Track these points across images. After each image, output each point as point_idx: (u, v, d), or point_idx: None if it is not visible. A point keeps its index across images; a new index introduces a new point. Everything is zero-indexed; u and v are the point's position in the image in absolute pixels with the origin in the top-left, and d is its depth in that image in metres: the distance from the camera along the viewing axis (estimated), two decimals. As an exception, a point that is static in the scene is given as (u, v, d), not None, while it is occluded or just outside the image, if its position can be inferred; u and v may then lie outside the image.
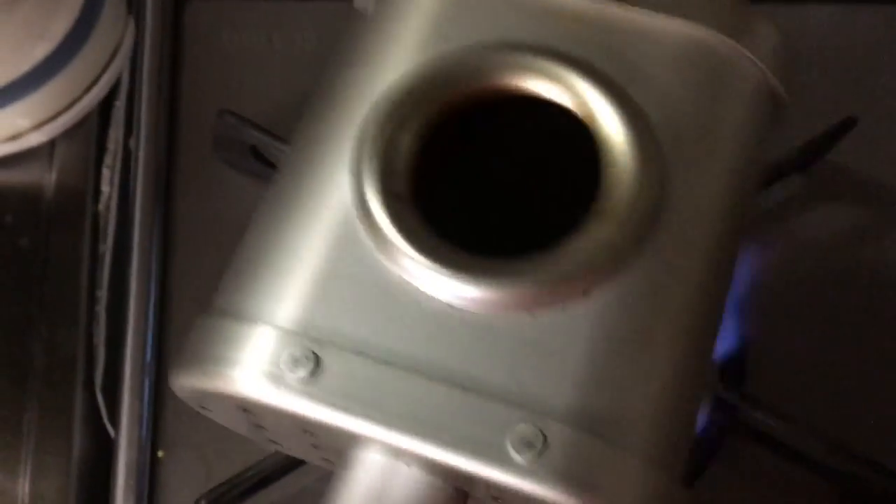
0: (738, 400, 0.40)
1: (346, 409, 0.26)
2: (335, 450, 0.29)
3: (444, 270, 0.27)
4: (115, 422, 0.42)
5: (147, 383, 0.42)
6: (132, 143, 0.47)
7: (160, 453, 0.41)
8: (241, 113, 0.44)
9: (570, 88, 0.29)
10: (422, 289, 0.27)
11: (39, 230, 0.47)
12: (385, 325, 0.27)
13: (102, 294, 0.45)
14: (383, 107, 0.29)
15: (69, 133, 0.48)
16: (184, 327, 0.43)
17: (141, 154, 0.46)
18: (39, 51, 0.45)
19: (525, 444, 0.25)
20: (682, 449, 0.29)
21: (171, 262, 0.45)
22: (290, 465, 0.39)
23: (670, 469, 0.27)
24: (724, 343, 0.42)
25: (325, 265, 0.27)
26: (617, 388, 0.27)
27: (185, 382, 0.28)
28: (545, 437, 0.25)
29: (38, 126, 0.47)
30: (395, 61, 0.30)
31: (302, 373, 0.26)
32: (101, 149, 0.48)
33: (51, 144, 0.48)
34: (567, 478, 0.25)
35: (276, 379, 0.26)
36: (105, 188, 0.47)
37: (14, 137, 0.47)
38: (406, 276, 0.27)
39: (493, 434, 0.25)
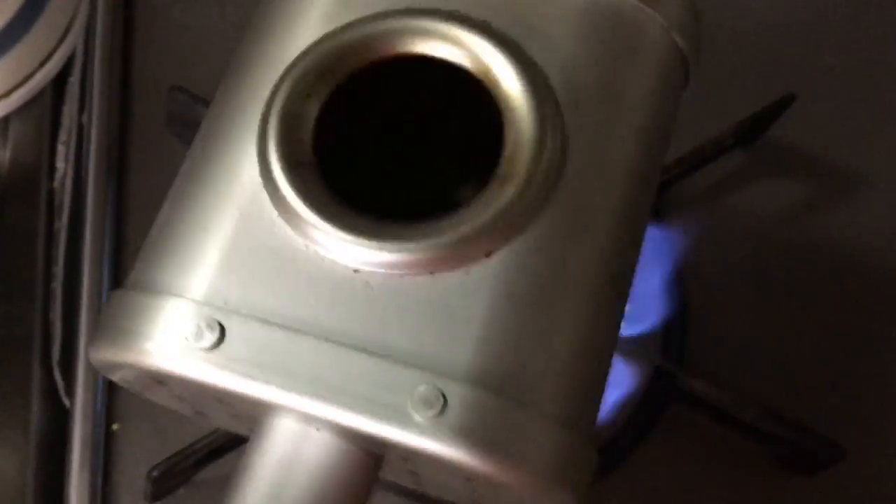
0: (678, 369, 0.41)
1: (251, 375, 0.26)
2: (251, 418, 0.29)
3: (345, 235, 0.27)
4: (71, 396, 0.42)
5: None
6: (85, 118, 0.47)
7: (115, 426, 0.41)
8: (194, 88, 0.44)
9: (467, 49, 0.29)
10: (325, 255, 0.27)
11: None
12: (290, 292, 0.27)
13: (58, 270, 0.45)
14: (288, 78, 0.29)
15: (23, 109, 0.47)
16: None
17: (94, 130, 0.46)
18: None
19: (425, 405, 0.25)
20: (590, 408, 0.29)
21: (124, 237, 0.45)
22: (242, 437, 0.40)
23: (577, 427, 0.27)
24: (665, 315, 0.43)
25: (231, 236, 0.28)
26: (517, 348, 0.27)
27: (100, 356, 0.28)
28: (445, 397, 0.25)
29: None
30: (300, 33, 0.30)
31: (206, 342, 0.26)
32: (55, 125, 0.48)
33: (4, 121, 0.47)
34: (467, 436, 0.25)
35: (183, 350, 0.26)
36: (60, 165, 0.47)
37: None
38: (310, 244, 0.27)
39: (394, 396, 0.25)
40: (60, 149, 0.48)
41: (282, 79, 0.29)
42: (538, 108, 0.28)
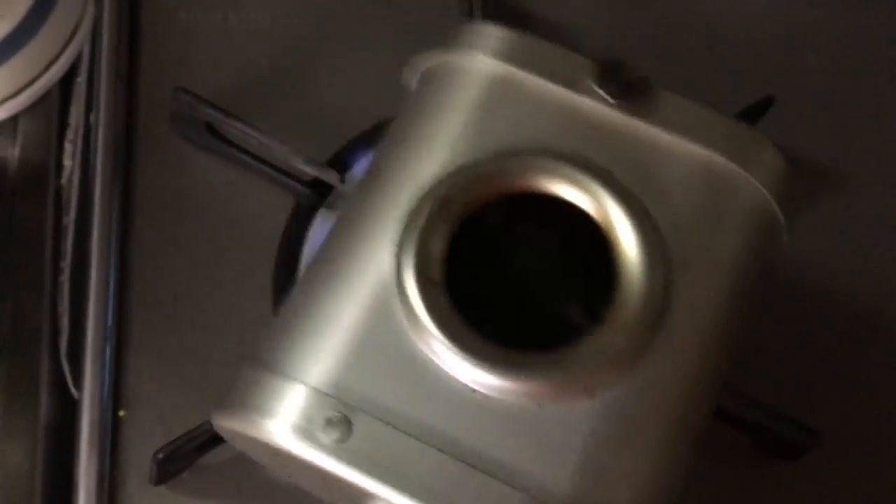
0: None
1: (370, 472, 0.29)
2: (350, 499, 0.31)
3: (466, 356, 0.29)
4: (79, 386, 0.43)
5: (108, 348, 0.43)
6: (92, 118, 0.48)
7: (122, 413, 0.43)
8: (197, 89, 0.45)
9: (591, 195, 0.32)
10: (445, 369, 0.30)
11: (4, 204, 0.47)
12: (410, 398, 0.29)
13: (66, 265, 0.46)
14: (426, 202, 0.31)
15: (31, 110, 0.48)
16: (143, 294, 0.45)
17: (101, 129, 0.47)
18: (0, 29, 0.45)
19: None
20: None
21: (130, 233, 0.46)
22: None
23: None
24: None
25: (360, 335, 0.30)
26: (607, 484, 0.29)
27: (226, 424, 0.31)
28: None
29: (0, 102, 0.47)
30: (436, 159, 0.32)
31: (335, 434, 0.29)
32: (62, 125, 0.49)
33: (13, 121, 0.48)
34: None
35: (310, 436, 0.29)
36: (67, 162, 0.48)
37: None
38: (432, 356, 0.30)
39: None
40: (67, 147, 0.49)
41: (421, 201, 0.31)
42: (650, 259, 0.30)
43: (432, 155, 0.33)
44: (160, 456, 0.39)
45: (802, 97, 0.48)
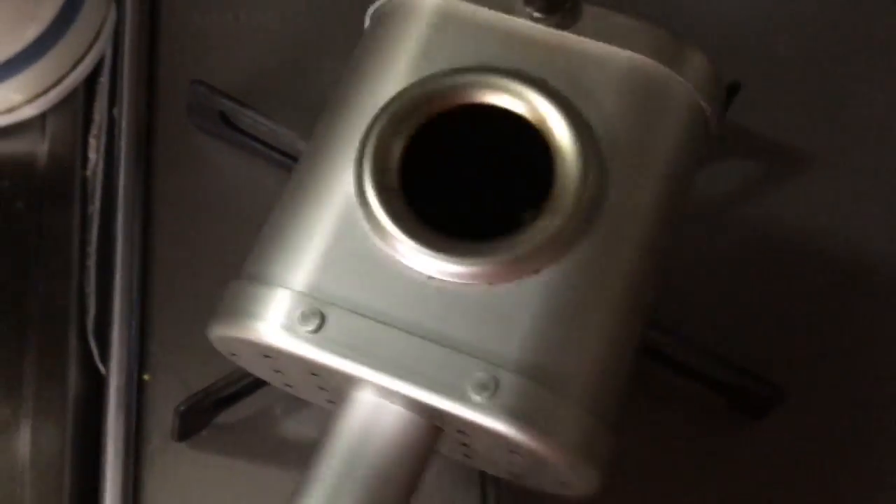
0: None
1: (345, 355, 0.32)
2: (336, 391, 0.35)
3: (423, 250, 0.33)
4: (105, 359, 0.46)
5: (134, 320, 0.46)
6: (115, 112, 0.50)
7: (146, 376, 0.46)
8: (211, 83, 0.47)
9: (527, 102, 0.35)
10: (406, 263, 0.33)
11: (33, 194, 0.50)
12: (376, 290, 0.33)
13: (92, 250, 0.49)
14: (380, 119, 0.35)
15: (59, 106, 0.50)
16: (164, 270, 0.48)
17: (123, 123, 0.49)
18: (31, 32, 0.48)
19: (481, 388, 0.31)
20: (616, 402, 0.34)
21: (152, 218, 0.49)
22: (257, 383, 0.43)
23: (601, 416, 0.33)
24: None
25: (331, 243, 0.34)
26: (559, 348, 0.32)
27: (219, 332, 0.35)
28: (497, 382, 0.31)
29: (30, 100, 0.50)
30: (391, 80, 0.36)
31: (311, 326, 0.32)
32: (87, 120, 0.51)
33: (42, 117, 0.51)
34: (514, 415, 0.31)
35: (291, 330, 0.32)
36: (92, 155, 0.51)
37: (9, 111, 0.50)
38: (394, 253, 0.33)
39: (457, 379, 0.31)
40: (92, 142, 0.51)
41: (375, 119, 0.35)
42: (583, 153, 0.34)
43: (384, 78, 0.36)
44: (182, 409, 0.42)
45: (773, 83, 0.50)
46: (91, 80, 0.51)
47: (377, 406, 0.33)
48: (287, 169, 0.48)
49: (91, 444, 0.45)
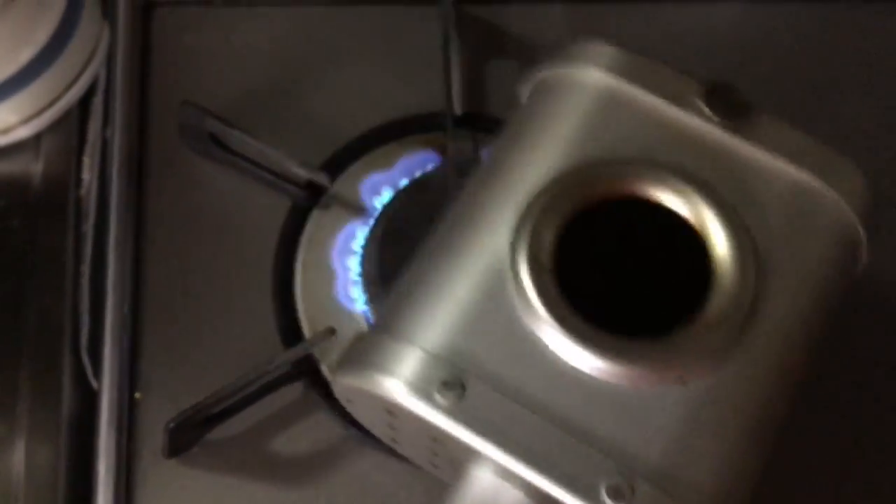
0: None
1: (481, 432, 0.31)
2: (451, 461, 0.33)
3: (570, 339, 0.32)
4: (98, 376, 0.46)
5: (125, 338, 0.47)
6: (107, 132, 0.51)
7: (137, 395, 0.46)
8: (202, 104, 0.48)
9: (690, 202, 0.34)
10: (551, 348, 0.32)
11: (28, 213, 0.50)
12: (518, 370, 0.32)
13: (86, 268, 0.49)
14: (539, 197, 0.34)
15: (53, 127, 0.51)
16: (155, 289, 0.48)
17: (115, 143, 0.50)
18: (25, 54, 0.48)
19: (616, 493, 0.30)
20: None
21: (143, 236, 0.49)
22: (248, 400, 0.44)
23: None
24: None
25: (475, 310, 0.33)
26: (692, 461, 0.31)
27: (347, 381, 0.33)
28: (633, 490, 0.30)
29: (25, 121, 0.50)
30: (550, 160, 0.35)
31: (451, 395, 0.31)
32: (81, 140, 0.51)
33: (37, 138, 0.51)
34: None
35: (427, 395, 0.31)
36: (86, 175, 0.51)
37: (4, 132, 0.50)
38: (539, 334, 0.32)
39: (590, 477, 0.30)
40: (86, 161, 0.51)
41: (536, 196, 0.34)
42: (742, 264, 0.33)
43: (547, 156, 0.35)
44: (171, 425, 0.42)
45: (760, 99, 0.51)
46: (85, 101, 0.52)
47: (498, 487, 0.32)
48: (276, 188, 0.49)
49: (85, 461, 0.45)
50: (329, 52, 0.52)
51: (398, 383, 0.32)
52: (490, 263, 0.33)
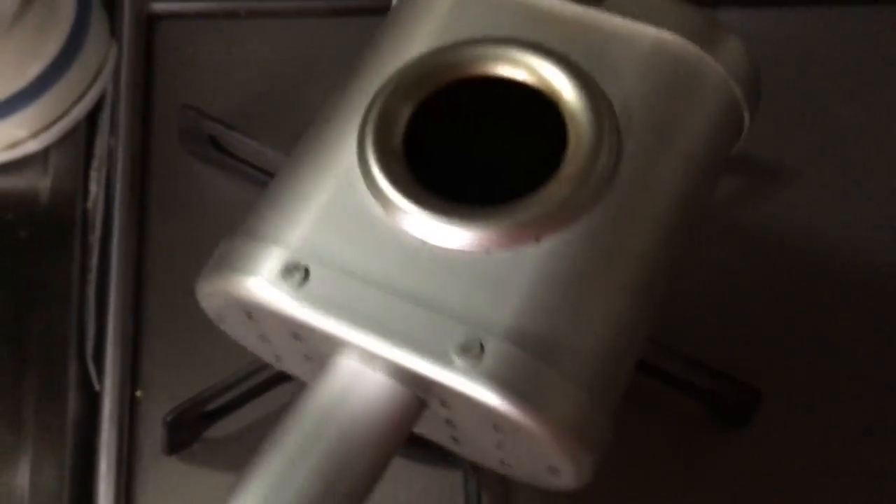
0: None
1: (325, 312, 0.30)
2: (320, 360, 0.32)
3: (418, 211, 0.31)
4: (101, 377, 0.47)
5: (128, 339, 0.47)
6: (111, 141, 0.52)
7: (138, 393, 0.47)
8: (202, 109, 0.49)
9: (541, 74, 0.33)
10: (400, 226, 0.31)
11: (36, 224, 0.51)
12: (366, 252, 0.31)
13: (92, 277, 0.50)
14: (389, 85, 0.33)
15: (62, 141, 0.52)
16: (157, 291, 0.49)
17: (119, 150, 0.51)
18: (34, 69, 0.49)
19: (464, 350, 0.29)
20: (616, 388, 0.32)
21: (146, 240, 0.50)
22: (246, 395, 0.44)
23: (598, 398, 0.31)
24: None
25: (325, 202, 0.32)
26: (554, 318, 0.30)
27: (203, 287, 0.33)
28: (482, 346, 0.29)
29: (33, 135, 0.51)
30: (405, 50, 0.34)
31: (293, 280, 0.31)
32: (89, 154, 0.52)
33: (45, 151, 0.52)
34: (498, 381, 0.29)
35: (272, 284, 0.31)
36: (93, 188, 0.52)
37: (13, 146, 0.51)
38: (389, 215, 0.31)
39: (440, 341, 0.29)
40: (93, 174, 0.52)
41: (385, 84, 0.34)
42: (597, 126, 0.33)
43: (399, 48, 0.35)
44: (169, 419, 0.42)
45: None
46: (93, 115, 0.53)
47: (358, 372, 0.31)
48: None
49: (90, 467, 0.46)
50: (327, 63, 0.53)
51: (242, 276, 0.31)
52: (340, 154, 0.33)
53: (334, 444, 0.31)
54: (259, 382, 0.45)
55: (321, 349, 0.32)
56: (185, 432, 0.44)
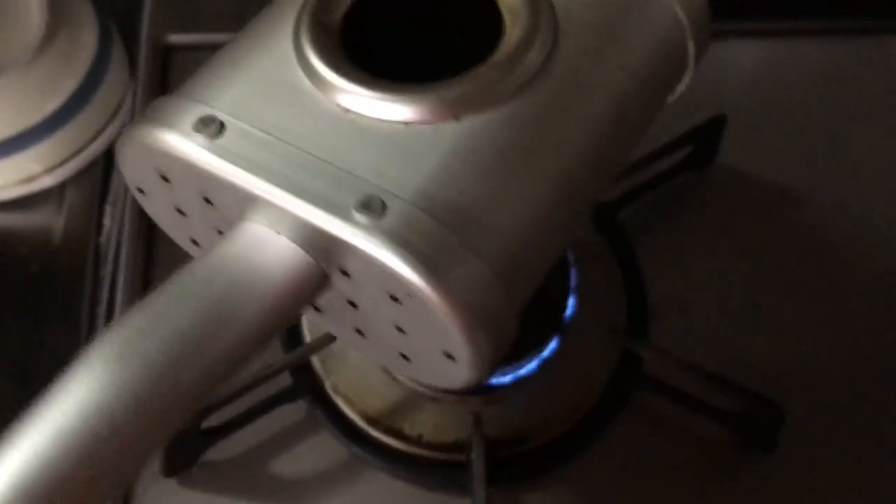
0: (644, 352, 0.45)
1: (235, 163, 0.30)
2: (227, 218, 0.32)
3: (339, 80, 0.31)
4: None
5: None
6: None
7: None
8: None
9: None
10: (323, 94, 0.31)
11: (48, 259, 0.51)
12: (287, 115, 0.31)
13: (101, 310, 0.50)
14: None
15: (77, 178, 0.52)
16: None
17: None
18: (52, 104, 0.49)
19: (364, 206, 0.29)
20: (524, 279, 0.31)
21: (153, 277, 0.50)
22: (245, 417, 0.44)
23: (507, 286, 0.30)
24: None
25: (256, 69, 0.32)
26: (466, 192, 0.30)
27: (122, 147, 0.33)
28: (384, 204, 0.29)
29: (49, 170, 0.51)
30: None
31: (207, 132, 0.30)
32: (105, 188, 0.53)
33: (61, 189, 0.52)
34: (397, 239, 0.28)
35: (186, 134, 0.30)
36: (107, 222, 0.52)
37: (28, 180, 0.51)
38: (314, 84, 0.31)
39: (343, 196, 0.29)
40: (108, 209, 0.52)
41: None
42: (533, 17, 0.33)
43: None
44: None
45: (756, 127, 0.52)
46: (111, 151, 0.53)
47: (263, 235, 0.30)
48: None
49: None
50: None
51: (158, 127, 0.31)
52: (279, 27, 0.33)
53: (224, 293, 0.29)
54: (262, 400, 0.44)
55: (231, 216, 0.32)
56: (184, 450, 0.43)
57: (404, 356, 0.33)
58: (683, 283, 0.48)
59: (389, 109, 0.31)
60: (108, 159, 0.53)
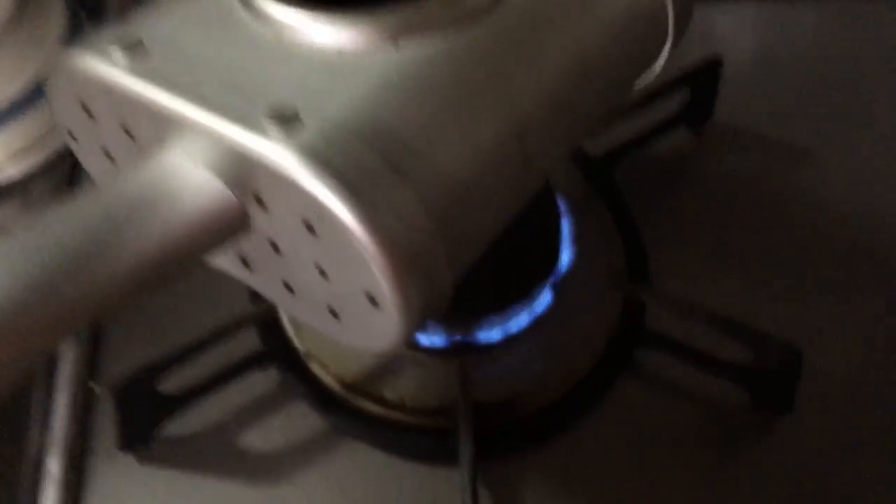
0: (646, 295, 0.42)
1: (152, 82, 0.28)
2: (149, 140, 0.30)
3: (271, 4, 0.30)
4: (54, 371, 0.43)
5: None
6: None
7: (93, 385, 0.42)
8: None
9: None
10: (254, 21, 0.30)
11: None
12: (215, 41, 0.30)
13: None
14: None
15: (44, 171, 0.50)
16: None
17: None
18: (13, 88, 0.48)
19: (277, 117, 0.27)
20: (465, 228, 0.29)
21: None
22: (205, 386, 0.41)
23: (445, 232, 0.28)
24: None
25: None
26: (399, 120, 0.28)
27: (50, 83, 0.31)
28: (300, 118, 0.27)
29: (11, 157, 0.49)
30: None
31: (127, 53, 0.29)
32: (72, 185, 0.50)
33: (26, 181, 0.50)
34: (315, 156, 0.26)
35: (104, 55, 0.29)
36: None
37: None
38: (250, 15, 0.30)
39: (254, 108, 0.27)
40: None
41: None
42: None
43: None
44: (118, 387, 0.38)
45: (769, 84, 0.51)
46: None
47: (177, 162, 0.28)
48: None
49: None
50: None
51: (80, 52, 0.30)
52: None
53: (119, 214, 0.27)
54: (229, 365, 0.41)
55: (152, 144, 0.30)
56: (141, 416, 0.40)
57: (333, 312, 0.30)
58: (682, 244, 0.46)
59: (323, 35, 0.30)
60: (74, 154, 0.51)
